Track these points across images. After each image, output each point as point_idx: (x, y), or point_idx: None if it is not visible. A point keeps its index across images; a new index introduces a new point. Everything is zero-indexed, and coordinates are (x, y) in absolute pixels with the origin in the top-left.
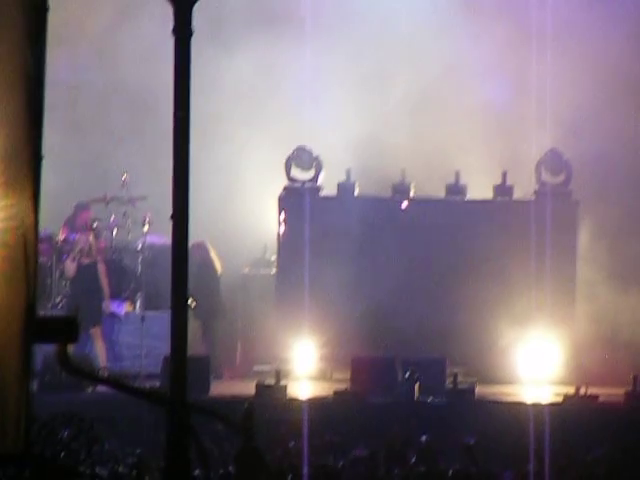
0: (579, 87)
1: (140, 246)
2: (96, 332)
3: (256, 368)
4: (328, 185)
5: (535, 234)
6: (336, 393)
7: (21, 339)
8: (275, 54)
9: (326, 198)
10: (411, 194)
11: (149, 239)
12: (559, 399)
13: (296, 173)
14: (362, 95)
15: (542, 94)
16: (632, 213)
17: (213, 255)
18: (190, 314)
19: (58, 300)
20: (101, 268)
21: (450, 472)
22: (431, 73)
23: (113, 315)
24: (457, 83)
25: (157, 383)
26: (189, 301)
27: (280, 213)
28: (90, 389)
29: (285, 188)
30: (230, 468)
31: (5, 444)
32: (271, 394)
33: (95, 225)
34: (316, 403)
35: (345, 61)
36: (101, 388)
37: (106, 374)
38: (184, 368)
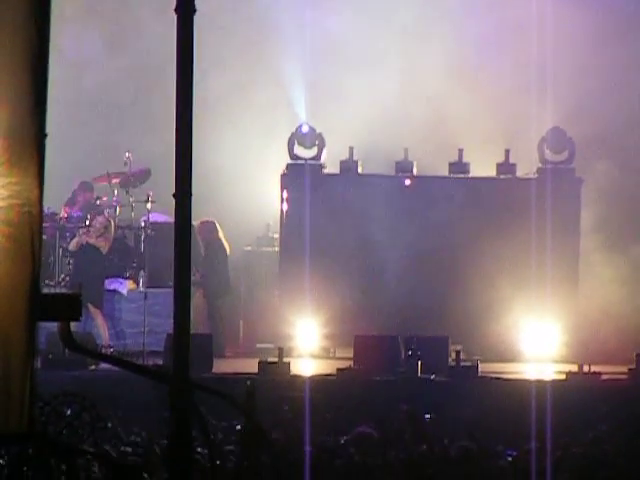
0: (582, 64)
1: (143, 224)
2: (98, 310)
3: (259, 346)
4: (331, 163)
5: (538, 212)
6: (339, 370)
7: (25, 317)
8: (275, 33)
9: (329, 176)
10: (414, 172)
11: (152, 217)
12: (562, 376)
13: (299, 151)
14: (365, 73)
15: (545, 71)
16: (636, 191)
17: (221, 235)
18: (199, 294)
19: (61, 278)
20: (105, 248)
21: (451, 450)
22: (433, 52)
23: (116, 293)
24: (459, 61)
25: (160, 361)
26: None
27: (283, 191)
28: (93, 367)
29: (288, 166)
30: (233, 446)
31: (9, 422)
32: (274, 371)
33: (98, 203)
34: (319, 380)
35: (348, 38)
36: (104, 366)
37: (109, 352)
38: (187, 346)
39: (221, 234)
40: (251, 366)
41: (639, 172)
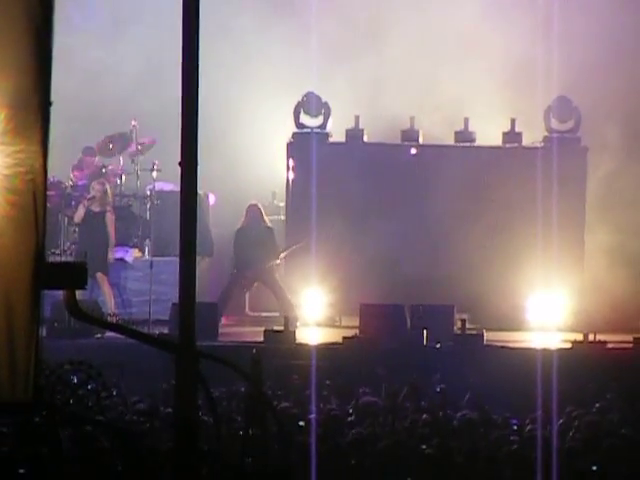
0: (589, 33)
1: (149, 192)
2: (103, 279)
3: (264, 314)
4: (337, 132)
5: (543, 180)
6: (345, 339)
7: (30, 285)
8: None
9: (335, 144)
10: (420, 141)
11: (158, 185)
12: (568, 345)
13: (305, 119)
14: (371, 41)
15: (551, 40)
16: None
17: (266, 218)
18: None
19: (66, 246)
20: (109, 216)
21: (455, 419)
22: (440, 21)
23: (121, 262)
24: (465, 31)
25: (166, 329)
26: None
27: (289, 160)
28: (99, 335)
29: (294, 134)
30: (238, 414)
31: (15, 390)
32: (279, 340)
33: (104, 171)
34: (325, 349)
35: (355, 5)
36: (110, 334)
37: (115, 320)
38: (192, 314)
39: (266, 217)
40: (257, 335)
41: None
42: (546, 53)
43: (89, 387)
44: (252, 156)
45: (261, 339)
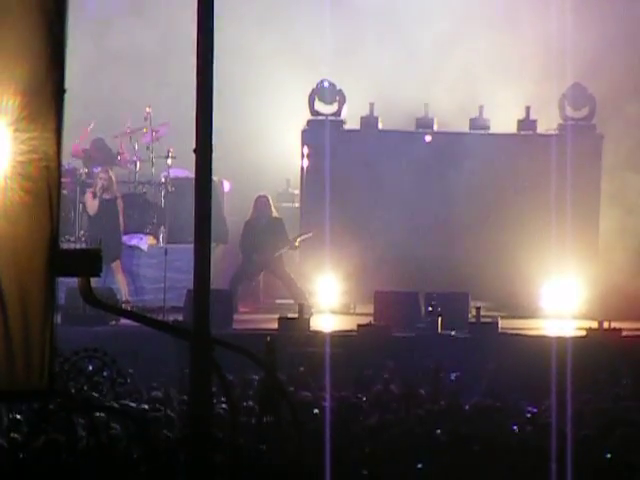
0: (602, 21)
1: (163, 179)
2: (117, 266)
3: (278, 302)
4: (351, 119)
5: (558, 168)
6: (360, 327)
7: (44, 272)
8: None
9: (349, 131)
10: (434, 128)
11: (172, 172)
12: (582, 333)
13: (319, 107)
14: (386, 28)
15: (566, 27)
16: None
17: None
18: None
19: (81, 234)
20: (120, 204)
21: (468, 406)
22: (456, 9)
23: (136, 249)
24: (481, 19)
25: (180, 317)
26: (302, 237)
27: (303, 147)
28: (113, 322)
29: (308, 122)
30: (253, 402)
31: (30, 378)
32: (294, 327)
33: (119, 158)
34: (340, 337)
35: None
36: (124, 321)
37: (129, 307)
38: (207, 301)
39: (274, 208)
40: (271, 322)
41: None
42: (560, 40)
43: (104, 374)
44: (267, 143)
45: (275, 327)
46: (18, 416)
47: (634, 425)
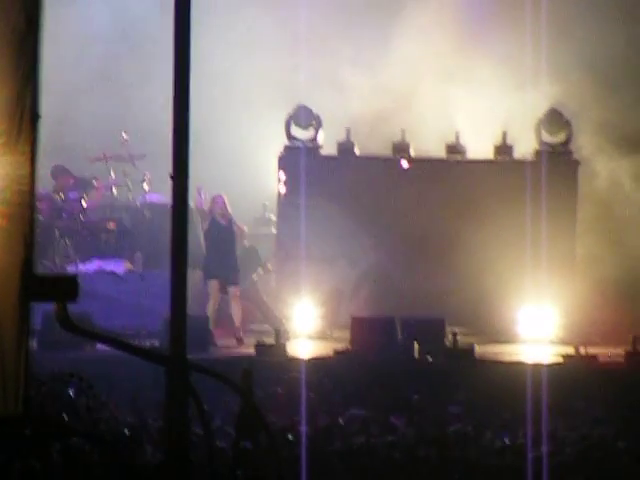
0: (580, 44)
1: (140, 205)
2: (235, 293)
3: (255, 327)
4: (328, 145)
5: (534, 194)
6: (336, 352)
7: (19, 297)
8: (272, 12)
9: (326, 157)
10: (411, 154)
11: (149, 198)
12: (560, 359)
13: (296, 132)
14: (362, 53)
15: (542, 52)
16: (633, 172)
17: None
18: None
19: (58, 259)
20: (237, 229)
21: (446, 432)
22: (430, 32)
23: (111, 274)
24: (456, 41)
25: (157, 342)
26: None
27: (279, 172)
28: (90, 347)
29: (285, 147)
30: (229, 427)
31: (5, 403)
32: (271, 353)
33: (95, 184)
34: (316, 362)
35: (343, 17)
36: (101, 346)
37: (106, 332)
38: (184, 327)
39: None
40: (248, 348)
41: (637, 155)
42: (537, 64)
43: (80, 399)
44: (244, 168)
45: (252, 351)
46: None
47: (611, 451)
